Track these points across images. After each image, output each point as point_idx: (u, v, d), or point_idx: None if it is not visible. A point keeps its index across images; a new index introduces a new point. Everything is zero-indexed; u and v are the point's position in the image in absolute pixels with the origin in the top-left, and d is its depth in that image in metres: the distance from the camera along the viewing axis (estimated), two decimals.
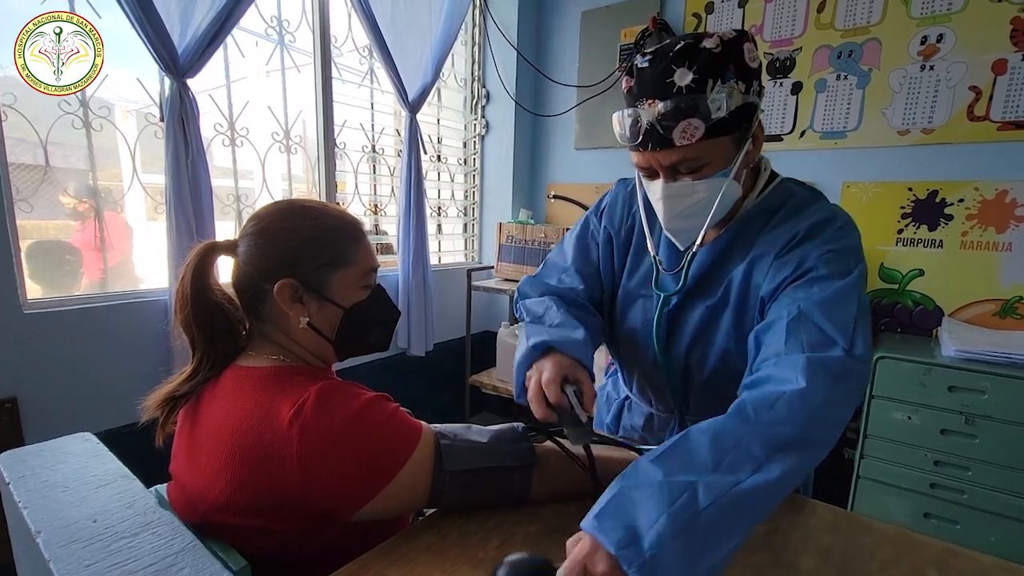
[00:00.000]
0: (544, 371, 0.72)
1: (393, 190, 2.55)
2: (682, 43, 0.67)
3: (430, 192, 2.72)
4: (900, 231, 1.96)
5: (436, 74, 2.39)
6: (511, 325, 2.61)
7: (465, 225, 3.01)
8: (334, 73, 2.15)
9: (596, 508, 0.54)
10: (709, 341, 0.81)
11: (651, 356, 0.88)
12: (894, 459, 1.67)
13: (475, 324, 2.73)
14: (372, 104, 2.40)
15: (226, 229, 1.86)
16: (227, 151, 1.90)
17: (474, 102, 2.86)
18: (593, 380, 0.77)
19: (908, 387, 1.62)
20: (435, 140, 2.76)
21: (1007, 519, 1.52)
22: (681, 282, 0.81)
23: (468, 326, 2.61)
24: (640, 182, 0.84)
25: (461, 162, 2.92)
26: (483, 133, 2.90)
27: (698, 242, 0.78)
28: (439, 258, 2.86)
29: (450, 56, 2.54)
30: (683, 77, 0.66)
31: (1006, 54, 1.73)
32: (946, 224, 1.88)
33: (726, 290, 0.79)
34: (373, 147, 2.42)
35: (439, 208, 2.84)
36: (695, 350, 0.83)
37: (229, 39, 1.77)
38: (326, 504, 0.61)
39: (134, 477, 0.65)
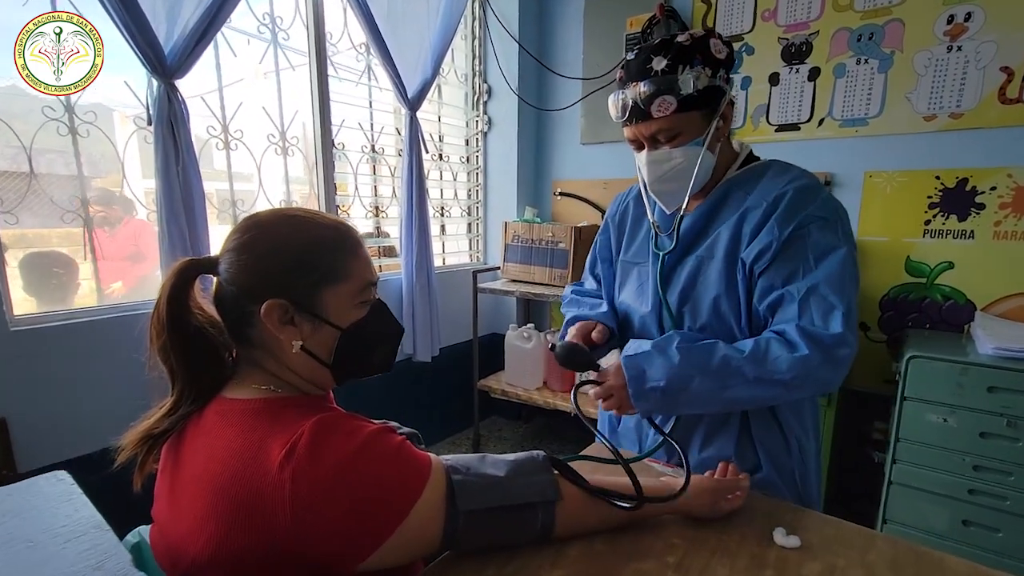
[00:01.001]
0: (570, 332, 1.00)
1: (395, 191, 2.47)
2: (660, 39, 0.84)
3: (432, 192, 2.64)
4: (927, 222, 1.87)
5: (436, 70, 2.31)
6: (519, 327, 2.54)
7: (469, 225, 2.93)
8: (330, 71, 2.07)
9: (633, 351, 0.84)
10: (701, 291, 0.90)
11: (647, 316, 0.97)
12: (929, 464, 1.58)
13: (482, 327, 2.66)
14: (371, 103, 2.32)
15: (223, 236, 1.80)
16: (222, 154, 1.83)
17: (476, 98, 2.78)
18: (602, 336, 0.99)
19: (943, 388, 1.53)
20: (436, 138, 2.68)
21: None
22: (675, 241, 0.93)
23: (475, 329, 2.54)
24: (638, 168, 0.96)
25: (464, 160, 2.84)
26: (485, 130, 2.81)
27: (685, 204, 0.90)
28: (443, 259, 2.78)
29: (450, 51, 2.45)
30: (659, 63, 0.82)
31: None
32: (977, 214, 1.79)
33: (714, 242, 0.90)
34: (373, 147, 2.34)
35: (442, 208, 2.76)
36: (688, 301, 0.92)
37: (220, 38, 1.70)
38: (325, 558, 0.53)
39: (108, 527, 0.57)
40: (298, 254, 0.61)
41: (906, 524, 1.64)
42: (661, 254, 0.95)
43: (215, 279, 0.63)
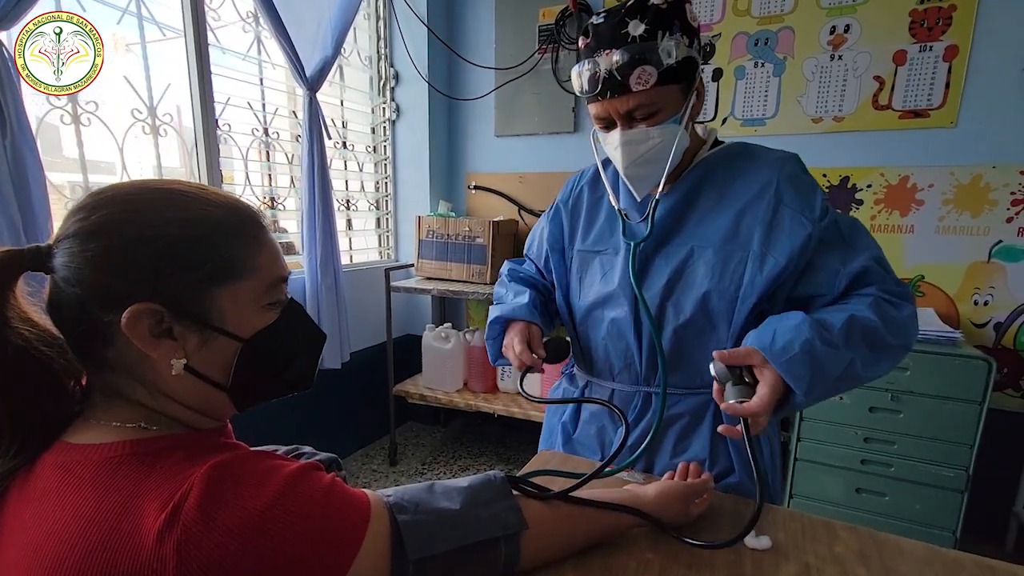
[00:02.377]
0: (514, 343, 0.88)
1: (293, 181, 2.22)
2: (632, 0, 0.74)
3: (336, 183, 2.41)
4: None
5: (337, 48, 2.10)
6: (436, 327, 2.40)
7: (378, 220, 2.73)
8: (211, 39, 1.79)
9: (782, 342, 0.69)
10: (688, 284, 0.83)
11: (618, 312, 0.88)
12: (828, 439, 1.71)
13: (396, 328, 2.49)
14: (261, 80, 2.06)
15: None
16: (71, 133, 1.50)
17: (382, 83, 2.59)
18: (545, 334, 0.94)
19: None
20: (339, 124, 2.46)
21: (929, 487, 1.61)
22: (649, 228, 0.84)
23: (389, 331, 2.36)
24: (595, 149, 0.90)
25: (370, 150, 2.64)
26: (393, 118, 2.63)
27: (660, 188, 0.82)
28: (351, 257, 2.56)
29: (352, 30, 2.25)
30: (636, 28, 0.73)
31: (906, 45, 1.83)
32: (857, 208, 1.97)
33: (706, 232, 0.82)
34: (265, 130, 2.08)
35: (347, 201, 2.54)
36: (672, 295, 0.84)
37: None
38: None
39: None
40: (176, 240, 0.45)
41: (809, 497, 1.77)
42: (633, 244, 0.84)
43: (49, 278, 0.45)
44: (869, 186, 1.95)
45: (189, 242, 0.45)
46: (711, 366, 0.71)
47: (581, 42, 0.79)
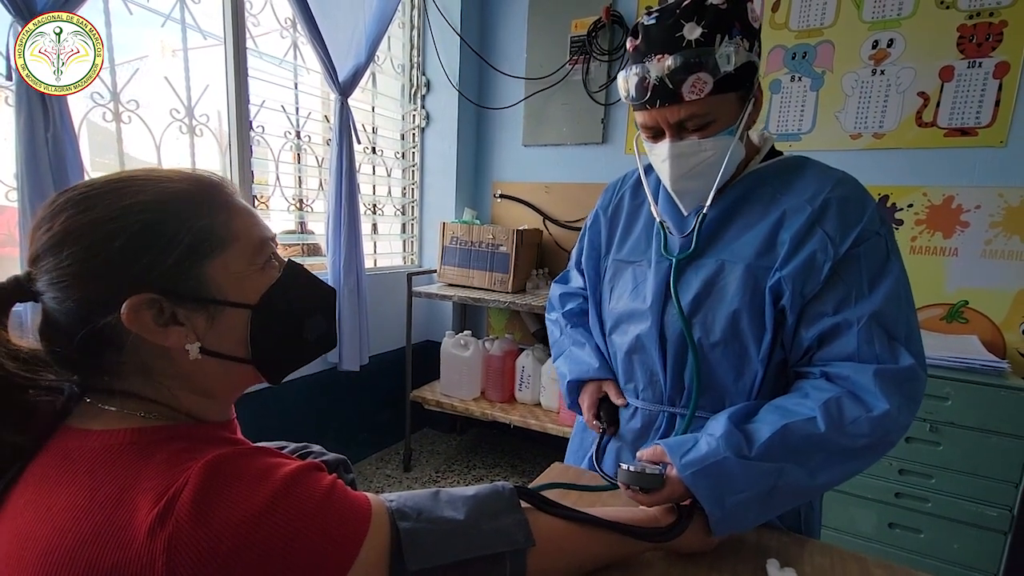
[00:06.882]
0: (583, 403, 0.92)
1: (322, 183, 2.25)
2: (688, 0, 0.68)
3: (364, 188, 2.44)
4: None
5: (370, 55, 2.13)
6: (456, 334, 2.39)
7: (403, 225, 2.75)
8: (249, 44, 1.84)
9: (693, 457, 0.65)
10: (716, 301, 0.77)
11: (642, 327, 0.83)
12: None
13: (416, 333, 2.49)
14: (296, 84, 2.10)
15: None
16: (113, 130, 1.55)
17: (413, 91, 2.62)
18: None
19: None
20: (370, 129, 2.49)
21: (969, 526, 1.51)
22: (693, 245, 0.78)
23: (408, 336, 2.36)
24: (637, 155, 0.86)
25: (398, 156, 2.67)
26: (423, 125, 2.66)
27: (708, 203, 0.77)
28: (375, 261, 2.58)
29: (386, 38, 2.29)
30: (692, 31, 0.67)
31: (953, 61, 1.76)
32: (896, 229, 1.89)
33: (740, 246, 0.76)
34: (298, 133, 2.12)
35: (374, 206, 2.57)
36: (699, 311, 0.78)
37: None
38: None
39: None
40: (142, 225, 0.43)
41: (837, 529, 1.68)
42: (676, 260, 0.79)
43: (41, 305, 0.44)
44: (910, 206, 1.87)
45: (155, 224, 0.43)
46: (619, 472, 0.67)
47: (629, 44, 0.73)
